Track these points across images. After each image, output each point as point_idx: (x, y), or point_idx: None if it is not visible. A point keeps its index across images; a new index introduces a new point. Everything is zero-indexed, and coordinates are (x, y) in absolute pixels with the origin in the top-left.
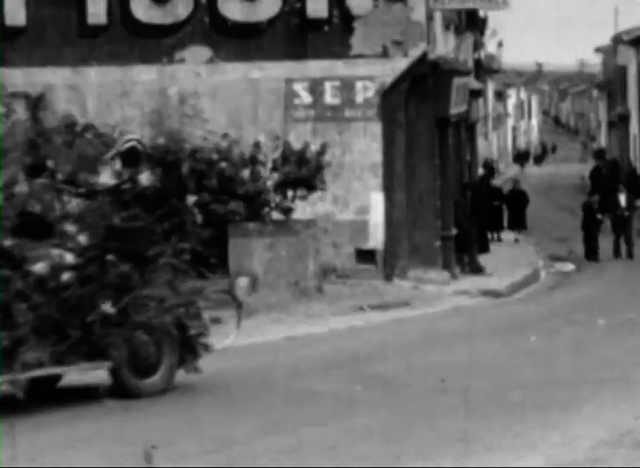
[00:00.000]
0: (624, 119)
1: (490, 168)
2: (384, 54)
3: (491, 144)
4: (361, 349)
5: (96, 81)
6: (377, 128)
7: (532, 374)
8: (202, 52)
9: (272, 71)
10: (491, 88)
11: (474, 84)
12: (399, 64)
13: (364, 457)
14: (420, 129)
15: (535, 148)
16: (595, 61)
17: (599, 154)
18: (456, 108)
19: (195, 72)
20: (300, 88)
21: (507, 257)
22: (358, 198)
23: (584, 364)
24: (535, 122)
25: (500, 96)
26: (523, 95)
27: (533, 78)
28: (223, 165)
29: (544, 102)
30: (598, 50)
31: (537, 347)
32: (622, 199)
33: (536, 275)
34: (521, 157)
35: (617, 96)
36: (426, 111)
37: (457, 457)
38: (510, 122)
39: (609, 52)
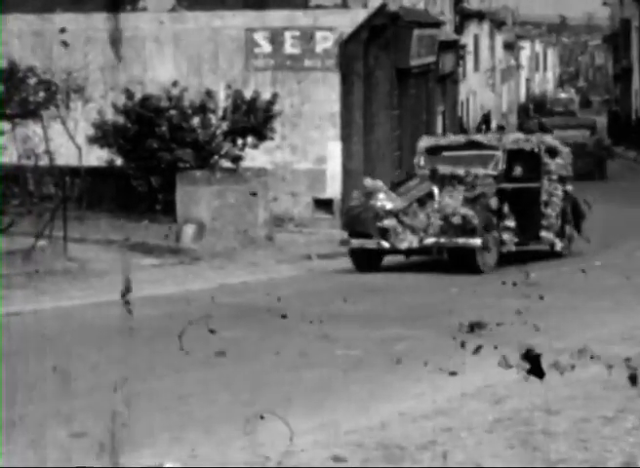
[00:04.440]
0: (627, 73)
1: (486, 119)
2: (344, 4)
3: (500, 96)
4: (275, 298)
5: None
6: (335, 78)
7: (422, 325)
8: (165, 0)
9: (233, 20)
10: (499, 40)
11: (450, 36)
12: (358, 15)
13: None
14: (378, 79)
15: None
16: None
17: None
18: (418, 59)
19: (158, 20)
20: (260, 37)
21: None
22: (316, 147)
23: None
24: (550, 74)
25: (511, 47)
26: (538, 47)
27: (554, 30)
28: (172, 112)
29: (565, 55)
30: (605, 3)
31: (451, 298)
32: None
33: None
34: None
35: (622, 49)
36: (386, 62)
37: (310, 409)
38: (524, 74)
39: (616, 5)
